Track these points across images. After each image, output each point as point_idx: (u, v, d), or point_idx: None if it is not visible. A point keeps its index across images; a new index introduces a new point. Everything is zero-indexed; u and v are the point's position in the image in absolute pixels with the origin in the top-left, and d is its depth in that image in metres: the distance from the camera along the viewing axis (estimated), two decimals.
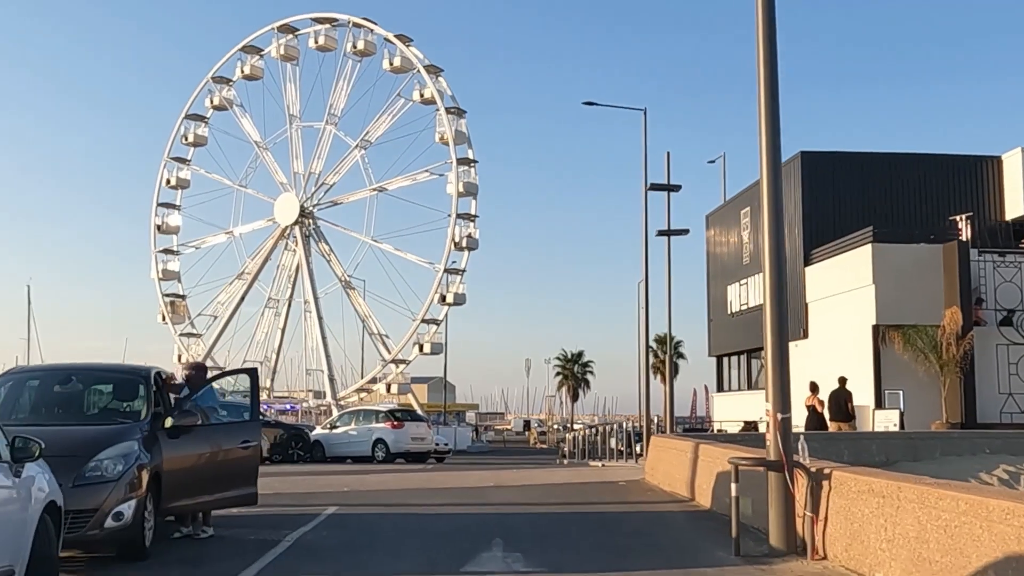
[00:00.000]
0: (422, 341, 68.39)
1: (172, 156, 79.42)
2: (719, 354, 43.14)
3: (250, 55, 76.61)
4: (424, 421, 32.19)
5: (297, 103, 76.25)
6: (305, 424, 39.15)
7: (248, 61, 76.50)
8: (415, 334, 68.20)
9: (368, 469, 21.49)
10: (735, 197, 40.67)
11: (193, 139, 78.62)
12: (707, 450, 13.15)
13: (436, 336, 68.91)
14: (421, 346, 68.30)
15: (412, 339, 68.51)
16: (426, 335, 68.78)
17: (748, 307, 38.26)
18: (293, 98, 76.23)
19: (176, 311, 79.48)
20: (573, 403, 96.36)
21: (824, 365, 31.30)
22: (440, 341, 69.28)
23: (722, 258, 41.90)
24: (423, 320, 67.82)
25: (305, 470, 21.72)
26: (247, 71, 76.26)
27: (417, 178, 69.27)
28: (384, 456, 29.84)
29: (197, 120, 78.76)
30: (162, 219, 79.55)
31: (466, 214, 67.65)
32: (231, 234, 78.74)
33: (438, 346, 69.24)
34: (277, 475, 18.30)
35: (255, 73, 76.75)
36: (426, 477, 17.02)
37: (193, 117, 78.88)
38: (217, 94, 77.46)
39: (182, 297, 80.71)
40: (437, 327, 68.81)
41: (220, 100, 77.38)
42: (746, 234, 38.78)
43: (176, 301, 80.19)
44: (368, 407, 34.28)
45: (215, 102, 77.63)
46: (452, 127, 66.56)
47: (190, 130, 78.73)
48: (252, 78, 77.07)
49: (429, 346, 68.45)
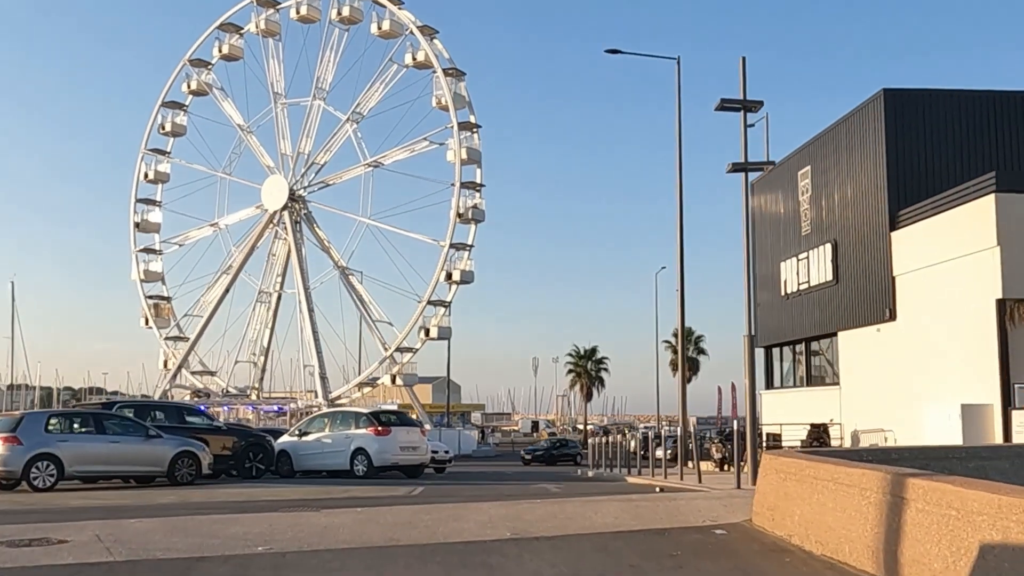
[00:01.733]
0: (428, 325, 62.33)
1: (149, 148, 74.14)
2: (768, 344, 36.63)
3: (229, 33, 71.16)
4: (417, 426, 25.76)
5: (281, 80, 70.54)
6: (275, 429, 32.78)
7: (227, 40, 71.10)
8: (421, 317, 62.02)
9: (329, 497, 15.08)
10: (789, 156, 34.20)
11: (171, 128, 73.49)
12: (934, 493, 6.68)
13: (444, 320, 62.94)
14: (427, 330, 62.26)
15: (418, 324, 62.31)
16: (433, 318, 62.75)
17: (809, 286, 31.80)
18: (277, 75, 70.49)
19: (160, 314, 73.74)
20: (587, 403, 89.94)
21: (920, 354, 24.85)
22: (448, 325, 63.35)
23: (773, 230, 35.42)
24: (429, 302, 61.76)
25: (232, 498, 15.38)
26: (226, 51, 70.91)
27: (415, 148, 63.28)
28: (366, 470, 23.55)
29: (175, 108, 73.62)
30: (141, 216, 74.07)
31: (470, 183, 61.86)
32: (217, 226, 72.91)
33: (446, 330, 63.32)
34: (174, 511, 12.04)
35: (235, 53, 71.23)
36: (407, 516, 10.64)
37: (170, 105, 73.70)
38: (195, 78, 72.09)
39: (167, 299, 74.97)
40: (445, 309, 62.88)
41: (198, 84, 72.06)
42: (805, 198, 32.30)
43: (160, 303, 74.43)
44: (346, 408, 27.85)
45: (193, 87, 72.33)
46: (451, 90, 60.66)
47: (167, 119, 73.62)
48: (232, 58, 71.61)
49: (436, 330, 62.49)
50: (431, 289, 61.91)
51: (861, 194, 28.35)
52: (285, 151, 69.72)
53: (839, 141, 29.84)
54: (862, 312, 28.26)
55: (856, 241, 28.63)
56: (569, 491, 17.32)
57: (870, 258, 27.77)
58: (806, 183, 32.33)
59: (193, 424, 23.34)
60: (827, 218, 30.63)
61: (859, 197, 28.48)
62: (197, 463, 20.30)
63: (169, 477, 19.89)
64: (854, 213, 28.77)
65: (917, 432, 24.72)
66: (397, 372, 64.62)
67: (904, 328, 26.02)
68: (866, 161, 28.01)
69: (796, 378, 34.97)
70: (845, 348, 29.59)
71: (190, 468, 20.19)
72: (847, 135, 29.30)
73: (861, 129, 28.36)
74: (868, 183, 27.91)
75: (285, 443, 25.61)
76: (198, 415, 24.19)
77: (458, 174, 60.33)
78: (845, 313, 29.30)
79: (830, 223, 30.34)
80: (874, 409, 27.50)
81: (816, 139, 31.92)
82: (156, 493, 17.08)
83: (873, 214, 27.57)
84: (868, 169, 27.90)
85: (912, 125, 26.90)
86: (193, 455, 20.30)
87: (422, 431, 25.25)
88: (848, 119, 29.15)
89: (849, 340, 29.36)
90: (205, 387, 73.60)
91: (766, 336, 36.59)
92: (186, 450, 20.25)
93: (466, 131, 61.22)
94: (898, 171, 26.71)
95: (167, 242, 75.42)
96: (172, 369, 71.66)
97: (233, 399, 70.81)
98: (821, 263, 30.89)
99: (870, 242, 27.78)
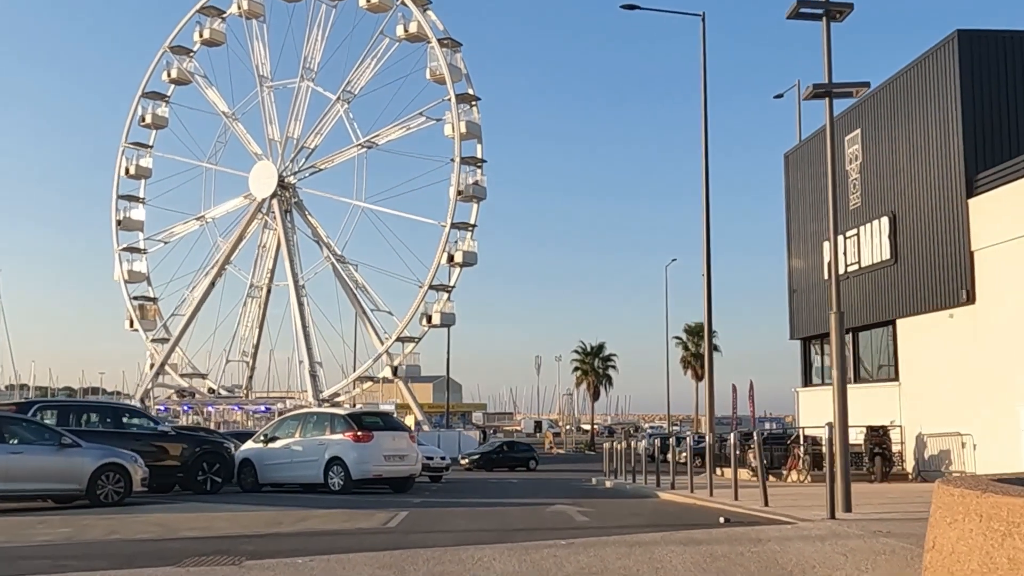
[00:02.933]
0: (431, 312, 58.27)
1: (130, 142, 70.13)
2: (806, 336, 32.50)
3: (210, 17, 67.05)
4: (405, 430, 21.57)
5: (267, 63, 66.61)
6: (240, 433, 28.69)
7: (208, 24, 67.05)
8: (422, 303, 57.95)
9: (272, 532, 11.01)
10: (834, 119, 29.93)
11: (152, 120, 69.66)
12: None
13: (447, 305, 58.92)
14: (429, 317, 58.25)
15: (419, 310, 58.26)
16: (435, 304, 58.64)
17: (860, 267, 27.64)
18: (262, 58, 66.58)
19: (146, 316, 69.79)
20: (594, 401, 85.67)
21: (1006, 342, 20.67)
22: (451, 311, 59.32)
23: (813, 207, 31.26)
24: (431, 286, 57.65)
25: (145, 530, 11.51)
26: (207, 36, 67.20)
27: (411, 126, 59.31)
28: (343, 484, 19.46)
29: (156, 99, 69.79)
30: (123, 214, 70.08)
31: (471, 158, 57.94)
32: (203, 219, 68.92)
33: (449, 316, 59.37)
34: (31, 558, 8.22)
35: (216, 38, 67.40)
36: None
37: (151, 95, 69.90)
38: (176, 66, 68.10)
39: (152, 300, 70.96)
40: (448, 295, 58.80)
41: (180, 73, 68.22)
42: (854, 167, 28.14)
43: (146, 304, 70.47)
44: (320, 409, 23.57)
45: (174, 75, 68.52)
46: (447, 61, 56.47)
47: (148, 110, 69.92)
48: (214, 43, 67.77)
49: (439, 316, 58.55)
50: (432, 273, 58.06)
51: (928, 157, 24.19)
52: (273, 136, 65.76)
53: (899, 97, 25.68)
54: (929, 295, 24.09)
55: (921, 212, 24.47)
56: (598, 518, 13.14)
57: (940, 231, 23.60)
58: (855, 149, 28.17)
59: (132, 429, 19.23)
60: (883, 187, 26.47)
61: (925, 160, 24.33)
62: (126, 478, 16.19)
63: (90, 496, 15.79)
64: (918, 179, 24.62)
65: (1006, 436, 20.59)
66: (399, 364, 60.47)
67: (985, 312, 21.84)
68: (935, 117, 23.85)
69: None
70: (906, 338, 25.41)
71: (117, 485, 16.07)
72: (909, 89, 25.15)
73: (928, 80, 24.20)
74: (937, 143, 23.74)
75: (248, 451, 21.47)
76: (139, 417, 20.05)
77: (457, 149, 56.36)
78: (907, 297, 25.14)
79: (886, 193, 26.18)
80: (945, 409, 23.38)
81: (868, 97, 27.68)
82: (56, 520, 12.94)
83: (944, 179, 23.41)
84: (937, 127, 23.74)
85: (993, 72, 22.75)
86: (121, 468, 16.19)
87: (411, 436, 21.06)
88: (911, 70, 24.98)
89: (911, 328, 25.19)
90: (191, 386, 69.51)
91: (803, 327, 32.49)
92: (111, 462, 16.13)
93: (464, 104, 57.32)
94: (976, 127, 22.57)
95: (151, 239, 71.57)
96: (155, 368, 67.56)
97: (218, 399, 66.77)
98: (875, 240, 26.72)
99: (940, 212, 23.61)
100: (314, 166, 64.52)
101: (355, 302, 63.89)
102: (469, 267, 59.77)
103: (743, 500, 15.19)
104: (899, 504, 14.70)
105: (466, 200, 57.85)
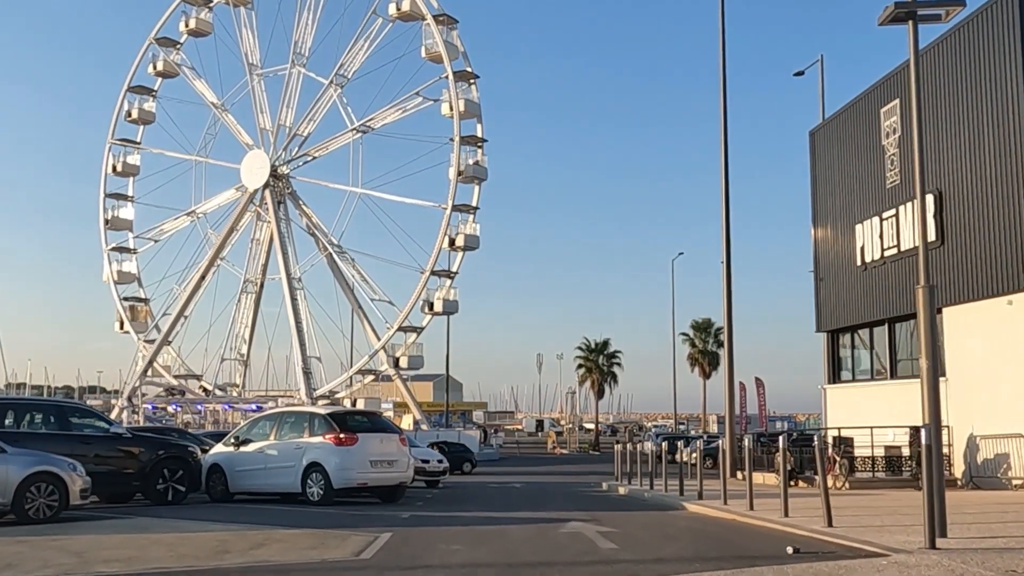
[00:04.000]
0: (432, 299, 55.79)
1: (117, 138, 67.44)
2: (833, 329, 29.93)
3: (196, 6, 64.43)
4: (395, 432, 18.98)
5: (256, 51, 64.03)
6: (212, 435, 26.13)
7: (194, 14, 64.52)
8: (424, 290, 55.44)
9: (212, 567, 8.34)
10: (867, 92, 27.49)
11: (139, 115, 67.15)
12: None
13: (450, 292, 56.45)
14: (431, 304, 55.73)
15: (421, 297, 55.74)
16: (438, 291, 56.12)
17: (899, 251, 25.10)
18: (251, 46, 63.96)
19: (137, 317, 67.10)
20: (598, 400, 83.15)
21: None
22: (454, 298, 56.83)
23: (843, 187, 28.73)
24: (433, 272, 55.18)
25: (55, 560, 8.94)
26: (193, 25, 64.62)
27: (407, 107, 56.80)
28: (323, 493, 16.92)
29: (142, 93, 67.16)
30: (111, 212, 67.44)
31: (471, 137, 55.46)
32: (194, 215, 66.30)
33: (452, 304, 56.97)
34: None
35: (203, 28, 64.95)
36: None
37: (137, 90, 67.35)
38: (162, 58, 65.50)
39: (143, 301, 68.28)
40: (451, 281, 56.30)
41: (166, 65, 65.60)
42: (892, 141, 25.58)
43: (137, 306, 67.81)
44: (298, 408, 20.88)
45: (160, 68, 65.82)
46: (442, 38, 53.92)
47: (134, 105, 67.26)
48: (200, 33, 65.26)
49: (441, 303, 56.12)
50: (434, 258, 55.57)
51: (982, 126, 21.64)
52: (264, 126, 63.17)
53: (946, 60, 23.11)
54: (983, 280, 21.56)
55: (974, 188, 21.92)
56: (626, 543, 10.57)
57: (997, 209, 21.05)
58: (892, 121, 25.61)
59: (79, 431, 16.68)
60: (926, 163, 23.86)
61: (978, 130, 21.77)
62: (61, 489, 13.66)
63: (16, 511, 13.28)
64: (970, 152, 22.06)
65: None
66: (401, 355, 57.81)
67: None
68: (990, 82, 21.28)
69: (873, 369, 28.24)
70: (954, 328, 22.84)
71: (50, 498, 13.54)
72: (959, 50, 22.58)
73: (982, 40, 21.63)
74: (993, 111, 21.18)
75: (218, 455, 18.92)
76: (89, 417, 17.50)
77: (457, 128, 53.97)
78: (955, 283, 22.58)
79: (931, 168, 23.57)
80: (1002, 408, 20.87)
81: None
82: None
83: (1001, 150, 20.85)
84: (994, 92, 21.18)
85: None
86: (55, 478, 13.65)
87: (402, 439, 18.48)
88: (961, 28, 22.39)
89: (960, 317, 22.63)
90: (180, 384, 66.94)
91: (831, 318, 29.93)
92: (43, 471, 13.59)
93: (463, 82, 54.86)
94: None
95: (141, 237, 68.94)
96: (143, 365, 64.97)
97: (209, 398, 64.19)
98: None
99: (997, 187, 21.07)
100: (307, 154, 61.97)
101: (350, 296, 61.34)
102: (472, 251, 57.30)
103: (796, 516, 12.63)
104: (987, 523, 12.18)
105: (467, 181, 55.50)
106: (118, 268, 67.83)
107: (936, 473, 9.78)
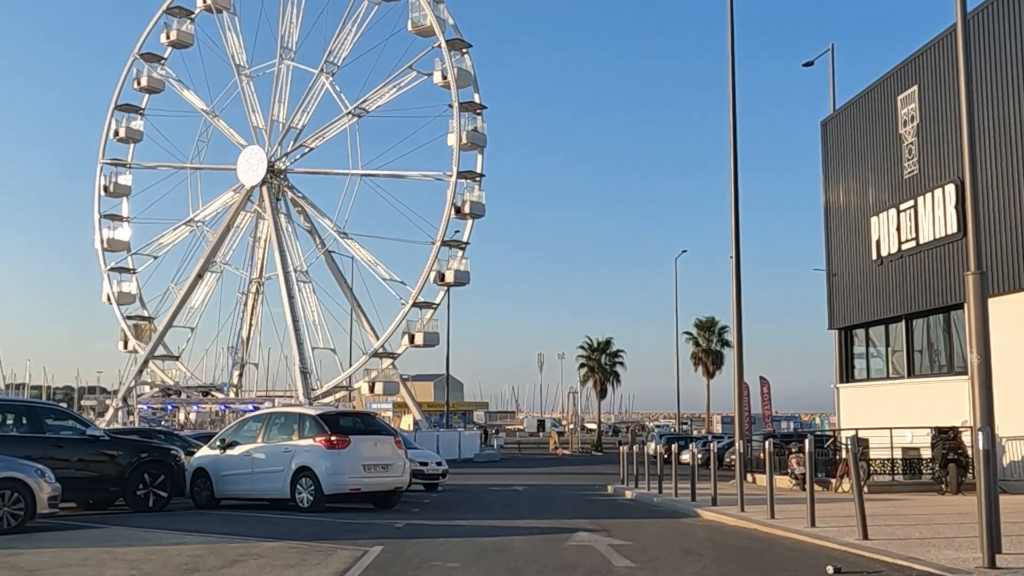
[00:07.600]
0: (444, 270, 54.55)
1: (107, 159, 66.18)
2: (846, 326, 28.88)
3: (177, 18, 63.33)
4: (390, 434, 17.89)
5: (243, 52, 62.83)
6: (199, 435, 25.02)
7: (175, 26, 63.34)
8: (436, 262, 54.19)
9: None
10: (883, 78, 26.42)
11: (126, 134, 66.02)
12: None
13: (462, 263, 55.23)
14: (443, 275, 54.46)
15: (433, 270, 54.43)
16: (449, 262, 54.94)
17: (918, 244, 24.05)
18: (237, 48, 62.79)
19: (141, 336, 65.71)
20: (600, 399, 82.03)
21: None
22: (466, 269, 55.56)
23: (858, 178, 27.68)
24: (443, 242, 53.97)
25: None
26: (174, 37, 63.40)
27: (401, 84, 55.82)
28: (313, 499, 15.87)
29: (129, 111, 65.94)
30: (108, 234, 66.02)
31: (469, 103, 54.53)
32: (193, 223, 65.00)
33: (464, 275, 55.71)
34: None
35: (184, 40, 64.01)
36: None
37: (124, 108, 65.91)
38: (146, 74, 64.54)
39: (147, 319, 66.90)
40: (462, 252, 55.10)
41: (150, 80, 64.51)
42: (909, 129, 24.52)
43: (140, 324, 66.46)
44: (287, 409, 19.82)
45: (144, 83, 64.75)
46: (431, 11, 52.92)
47: (122, 124, 66.02)
48: (181, 45, 64.37)
49: (453, 274, 54.75)
50: (443, 227, 54.19)
51: (1008, 110, 20.58)
52: (257, 124, 61.98)
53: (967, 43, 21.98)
54: (1010, 272, 20.50)
55: (1000, 175, 20.86)
56: (642, 558, 9.51)
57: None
58: (910, 109, 24.54)
59: (54, 433, 15.65)
60: (947, 151, 22.85)
61: (1004, 115, 20.72)
62: (28, 497, 12.62)
63: None
64: (996, 137, 21.01)
65: None
66: (418, 331, 56.13)
67: None
68: (1019, 63, 20.22)
69: (889, 368, 27.17)
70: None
71: (15, 506, 12.52)
72: (984, 31, 21.53)
73: (1009, 18, 20.57)
74: (1021, 95, 20.11)
75: (203, 459, 17.88)
76: (65, 418, 16.46)
77: (455, 94, 53.11)
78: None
79: (953, 157, 22.54)
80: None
81: (926, 48, 24.13)
82: None
83: None
84: (1022, 75, 20.11)
85: None
86: (21, 485, 12.62)
87: (397, 441, 17.40)
88: (986, 8, 21.34)
89: None
90: (176, 384, 65.76)
91: (844, 315, 28.88)
92: (7, 477, 12.56)
93: (455, 51, 53.87)
94: None
95: (139, 254, 67.46)
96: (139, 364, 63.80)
97: (206, 399, 63.03)
98: (938, 211, 23.10)
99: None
100: (304, 144, 60.80)
101: (348, 294, 60.22)
102: (478, 218, 56.00)
103: (823, 525, 11.57)
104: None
105: (467, 148, 54.25)
106: (118, 289, 66.46)
107: (993, 482, 8.72)
